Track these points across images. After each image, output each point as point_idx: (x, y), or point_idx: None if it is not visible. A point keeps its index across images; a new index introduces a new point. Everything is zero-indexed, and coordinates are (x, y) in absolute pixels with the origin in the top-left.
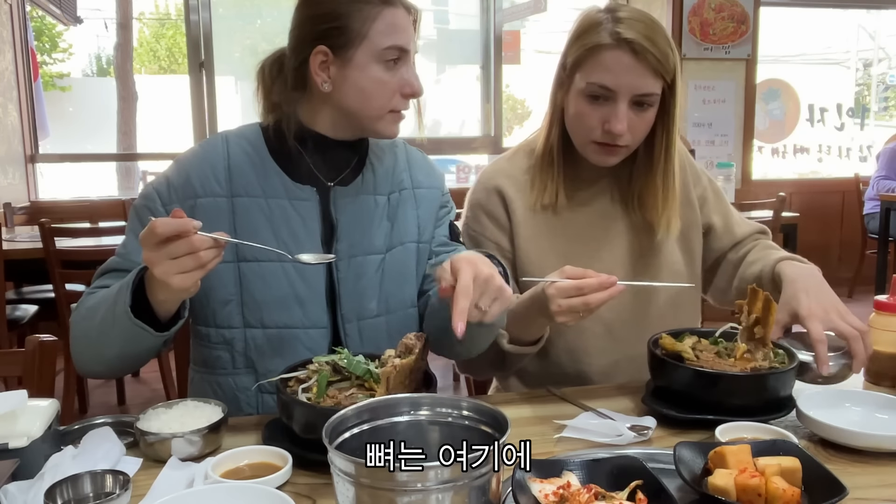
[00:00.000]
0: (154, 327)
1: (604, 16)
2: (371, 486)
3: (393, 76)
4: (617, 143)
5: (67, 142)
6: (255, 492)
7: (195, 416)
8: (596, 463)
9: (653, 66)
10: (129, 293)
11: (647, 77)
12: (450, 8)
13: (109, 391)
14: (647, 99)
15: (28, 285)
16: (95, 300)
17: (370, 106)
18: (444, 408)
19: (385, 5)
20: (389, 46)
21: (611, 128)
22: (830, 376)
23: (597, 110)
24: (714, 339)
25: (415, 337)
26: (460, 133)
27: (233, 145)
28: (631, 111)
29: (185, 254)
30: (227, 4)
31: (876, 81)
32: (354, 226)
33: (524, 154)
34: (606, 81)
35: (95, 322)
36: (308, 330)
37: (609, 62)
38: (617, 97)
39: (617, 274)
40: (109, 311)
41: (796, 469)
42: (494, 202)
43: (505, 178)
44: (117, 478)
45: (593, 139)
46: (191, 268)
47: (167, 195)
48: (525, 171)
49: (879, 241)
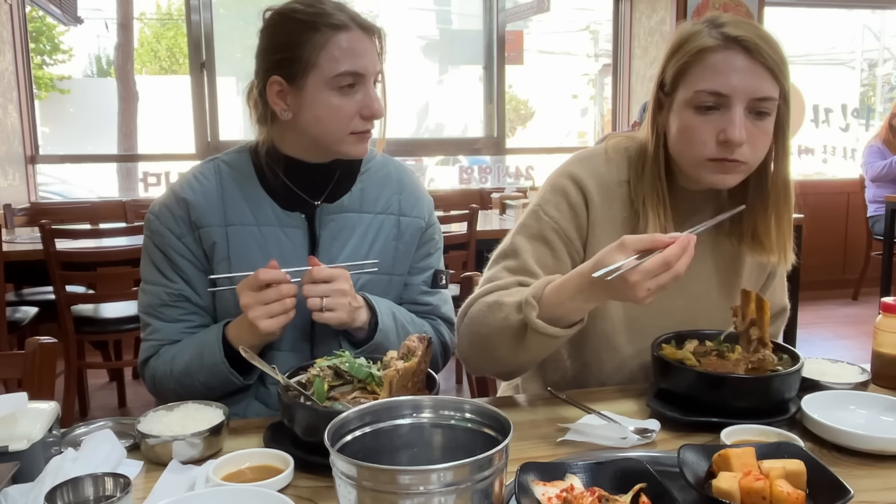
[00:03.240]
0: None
1: (703, 25)
2: (373, 489)
3: (349, 101)
4: (736, 158)
5: (68, 143)
6: (257, 495)
7: (196, 418)
8: (599, 466)
9: (769, 66)
10: (220, 345)
11: (763, 79)
12: (452, 8)
13: (110, 393)
14: (765, 105)
15: (28, 287)
16: (185, 359)
17: (328, 131)
18: (447, 410)
19: (336, 31)
20: (340, 73)
21: (729, 136)
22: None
23: (709, 122)
24: (718, 341)
25: (417, 339)
26: (463, 134)
27: (225, 176)
28: (748, 120)
29: (275, 300)
30: (229, 4)
31: (881, 82)
32: (334, 241)
33: (623, 161)
34: (718, 87)
35: (195, 380)
36: (287, 353)
37: (719, 65)
38: (731, 103)
39: (684, 314)
40: (202, 367)
41: (801, 472)
42: (579, 196)
43: (596, 184)
44: (118, 481)
45: (708, 156)
46: (278, 313)
47: (177, 227)
48: (620, 183)
49: (884, 243)
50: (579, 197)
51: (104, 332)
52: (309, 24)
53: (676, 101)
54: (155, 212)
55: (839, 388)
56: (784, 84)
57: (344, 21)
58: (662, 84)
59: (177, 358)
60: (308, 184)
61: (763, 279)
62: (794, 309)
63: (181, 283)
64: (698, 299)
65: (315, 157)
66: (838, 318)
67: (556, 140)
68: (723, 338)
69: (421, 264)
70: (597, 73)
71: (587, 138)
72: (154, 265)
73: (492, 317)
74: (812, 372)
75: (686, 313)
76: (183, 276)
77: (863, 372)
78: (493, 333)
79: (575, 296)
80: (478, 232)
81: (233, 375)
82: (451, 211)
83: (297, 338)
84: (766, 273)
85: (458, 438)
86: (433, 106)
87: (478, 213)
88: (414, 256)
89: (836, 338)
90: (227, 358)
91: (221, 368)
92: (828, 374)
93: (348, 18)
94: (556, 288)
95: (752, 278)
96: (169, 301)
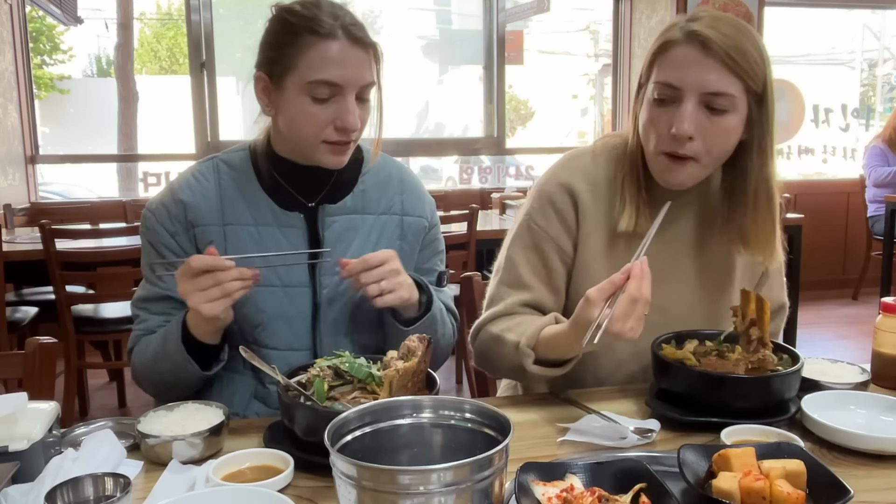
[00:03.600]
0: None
1: (681, 18)
2: (373, 489)
3: (323, 110)
4: (685, 153)
5: (68, 143)
6: (257, 495)
7: (196, 418)
8: (599, 466)
9: (724, 62)
10: (179, 333)
11: (716, 72)
12: (452, 8)
13: (110, 394)
14: (718, 100)
15: (28, 287)
16: (153, 347)
17: (299, 135)
18: (447, 410)
19: (320, 39)
20: (315, 80)
21: (675, 129)
22: None
23: (664, 114)
24: (718, 341)
25: (417, 339)
26: (463, 134)
27: (223, 175)
28: (702, 115)
29: (212, 286)
30: (229, 4)
31: (881, 82)
32: (338, 242)
33: (610, 158)
34: (671, 79)
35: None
36: (287, 353)
37: (676, 58)
38: (683, 96)
39: (684, 311)
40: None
41: (801, 472)
42: (567, 202)
43: (585, 183)
44: (118, 481)
45: (661, 149)
46: (217, 297)
47: (171, 225)
48: (608, 179)
49: (885, 243)
50: (567, 202)
51: (104, 332)
52: (296, 27)
53: (646, 93)
54: (151, 209)
55: (839, 388)
56: (751, 82)
57: (331, 30)
58: (641, 75)
59: (149, 346)
60: (302, 184)
61: (757, 277)
62: (794, 309)
63: (168, 281)
64: (689, 298)
65: (302, 159)
66: (838, 318)
67: (557, 140)
68: (723, 338)
69: (427, 265)
70: (597, 73)
71: (587, 138)
72: (147, 262)
73: (496, 349)
74: (812, 372)
75: (679, 310)
76: (172, 272)
77: (863, 372)
78: (498, 362)
79: (570, 347)
80: (478, 232)
81: (189, 364)
82: (451, 211)
83: (299, 336)
84: (759, 271)
85: (458, 438)
86: (433, 106)
87: (478, 213)
88: (419, 258)
89: (836, 338)
90: (187, 347)
91: (180, 356)
92: (828, 374)
93: (339, 27)
94: (550, 340)
95: (745, 276)
96: (156, 296)
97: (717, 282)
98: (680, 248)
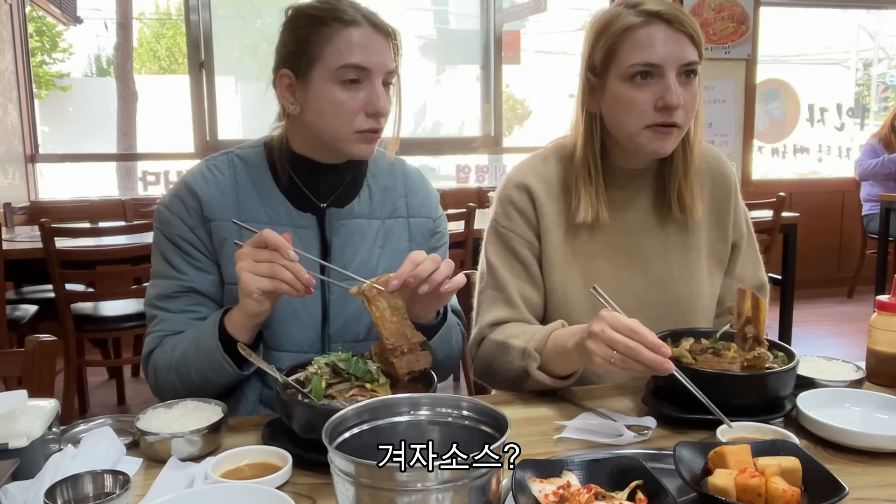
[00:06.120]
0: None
1: (620, 7)
2: (371, 486)
3: (353, 96)
4: (675, 122)
5: (67, 142)
6: (255, 492)
7: (195, 416)
8: (596, 463)
9: (689, 34)
10: (216, 330)
11: (687, 46)
12: (449, 8)
13: (109, 391)
14: (692, 68)
15: (28, 285)
16: (182, 346)
17: (332, 127)
18: (444, 408)
19: (343, 26)
20: (343, 65)
21: (668, 101)
22: None
23: (645, 91)
24: (714, 339)
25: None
26: (460, 133)
27: (239, 171)
28: (679, 85)
29: (266, 261)
30: (228, 4)
31: (876, 81)
32: (346, 247)
33: (557, 160)
34: (649, 58)
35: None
36: (297, 355)
37: (645, 39)
38: (664, 71)
39: (656, 293)
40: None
41: (796, 469)
42: (525, 200)
43: (538, 181)
44: (117, 478)
45: (646, 123)
46: (264, 273)
47: (189, 219)
48: (559, 178)
49: (879, 241)
50: (525, 200)
51: (104, 330)
52: (318, 19)
53: (610, 80)
54: (165, 203)
55: (834, 385)
56: (701, 50)
57: (354, 17)
58: (592, 68)
59: (177, 346)
60: (315, 184)
61: (728, 251)
62: (789, 307)
63: (191, 273)
64: (658, 279)
65: (322, 157)
66: (833, 316)
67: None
68: (718, 336)
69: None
70: None
71: None
72: (163, 257)
73: (501, 357)
74: (807, 370)
75: (650, 292)
76: (194, 264)
77: (858, 369)
78: (501, 371)
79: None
80: (475, 231)
81: (226, 361)
82: (448, 210)
83: (309, 339)
84: (728, 246)
85: (456, 436)
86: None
87: (475, 211)
88: (427, 246)
89: (832, 336)
90: (223, 345)
91: (216, 354)
92: (823, 371)
93: (360, 16)
94: (553, 353)
95: (713, 250)
96: (177, 291)
97: (684, 259)
98: (640, 233)
